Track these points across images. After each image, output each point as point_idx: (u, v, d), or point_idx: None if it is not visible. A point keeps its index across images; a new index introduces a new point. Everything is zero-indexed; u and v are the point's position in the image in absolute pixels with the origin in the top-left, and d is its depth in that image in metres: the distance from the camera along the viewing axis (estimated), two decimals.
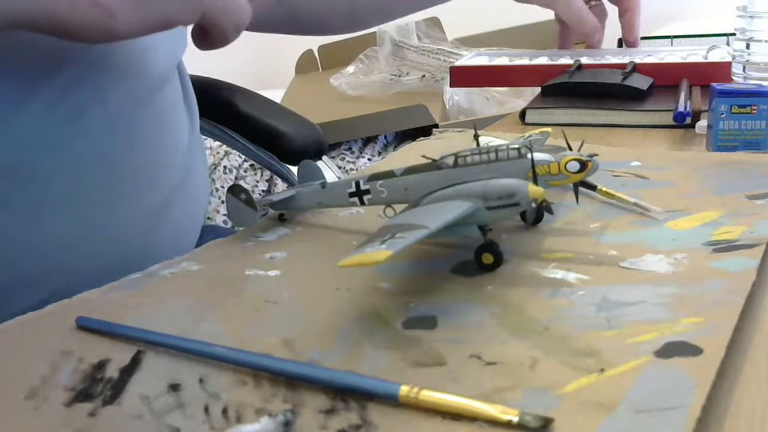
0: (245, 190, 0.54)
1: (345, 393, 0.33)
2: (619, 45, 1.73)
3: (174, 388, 0.34)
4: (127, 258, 0.56)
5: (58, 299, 0.45)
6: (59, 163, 0.54)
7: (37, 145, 0.53)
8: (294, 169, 0.93)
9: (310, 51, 2.11)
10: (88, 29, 0.44)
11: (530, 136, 0.58)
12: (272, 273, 0.47)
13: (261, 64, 2.44)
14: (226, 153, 1.66)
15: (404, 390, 0.31)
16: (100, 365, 0.37)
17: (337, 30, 0.98)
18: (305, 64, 2.12)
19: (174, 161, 0.64)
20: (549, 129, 0.60)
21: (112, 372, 0.36)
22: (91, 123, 0.56)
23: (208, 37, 0.50)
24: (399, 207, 0.49)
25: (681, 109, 0.79)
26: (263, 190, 1.64)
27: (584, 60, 1.02)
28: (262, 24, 0.88)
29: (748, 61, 0.82)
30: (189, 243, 0.67)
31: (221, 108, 0.93)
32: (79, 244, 0.56)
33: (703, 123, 0.77)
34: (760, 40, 0.81)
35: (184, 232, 0.67)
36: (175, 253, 0.51)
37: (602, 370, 0.33)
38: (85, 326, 0.40)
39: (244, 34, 0.68)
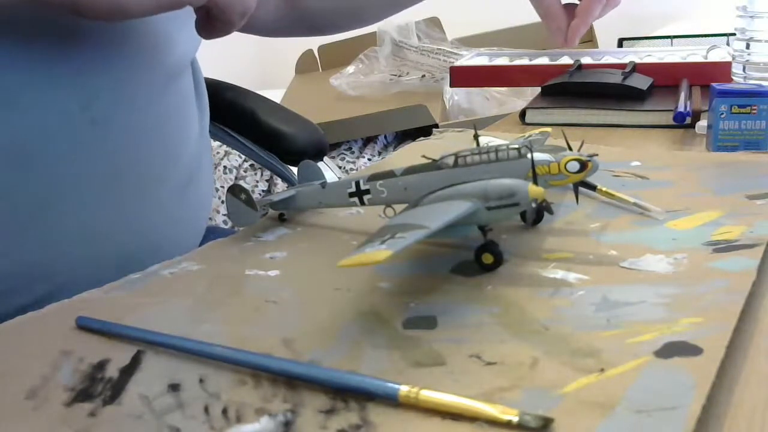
0: (245, 190, 0.54)
1: (345, 393, 0.33)
2: (619, 45, 1.73)
3: (174, 388, 0.34)
4: (132, 254, 0.56)
5: (63, 293, 0.45)
6: (68, 154, 0.54)
7: (47, 133, 0.53)
8: (294, 169, 0.93)
9: (310, 51, 2.11)
10: (99, 6, 0.44)
11: (530, 136, 0.58)
12: (272, 273, 0.47)
13: (261, 64, 2.45)
14: (226, 153, 1.66)
15: (404, 390, 0.31)
16: (100, 365, 0.37)
17: (349, 26, 0.97)
18: (305, 64, 2.12)
19: (182, 158, 0.64)
20: (549, 129, 0.60)
21: (112, 372, 0.36)
22: (102, 113, 0.55)
23: (214, 24, 0.50)
24: (399, 207, 0.49)
25: (681, 109, 0.79)
26: (263, 190, 1.64)
27: (584, 60, 1.02)
28: (277, 29, 0.87)
29: (748, 61, 0.82)
30: (193, 242, 0.67)
31: (222, 108, 0.93)
32: (84, 239, 0.56)
33: (703, 123, 0.77)
34: (760, 40, 0.81)
35: (190, 230, 0.67)
36: (180, 251, 0.51)
37: (602, 370, 0.33)
38: (85, 326, 0.40)
39: (245, 34, 0.68)
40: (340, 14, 0.91)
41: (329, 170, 0.90)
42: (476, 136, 0.57)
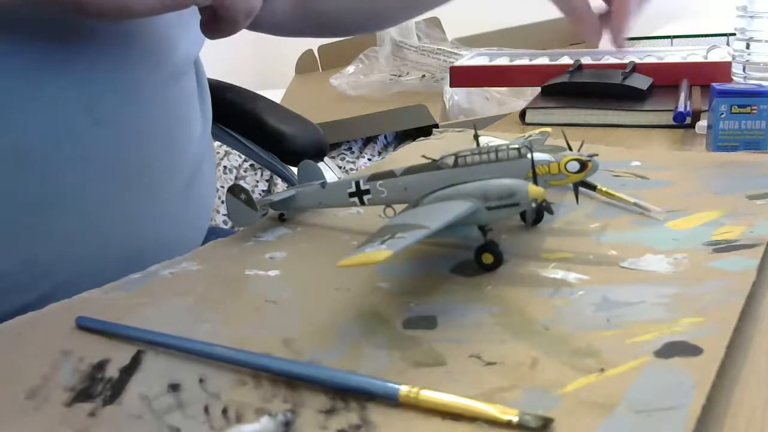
0: (245, 190, 0.54)
1: (345, 393, 0.33)
2: None
3: (174, 388, 0.34)
4: (135, 254, 0.56)
5: (64, 292, 0.45)
6: (71, 155, 0.54)
7: (50, 134, 0.52)
8: (294, 169, 0.93)
9: (310, 51, 2.11)
10: (103, 5, 0.44)
11: (530, 136, 0.58)
12: (272, 273, 0.47)
13: (261, 64, 2.44)
14: (226, 153, 1.66)
15: (404, 390, 0.31)
16: (100, 365, 0.37)
17: (361, 30, 0.96)
18: (305, 64, 2.12)
19: (186, 157, 0.64)
20: (549, 129, 0.60)
21: (112, 372, 0.36)
22: (105, 114, 0.55)
23: (218, 24, 0.50)
24: (399, 207, 0.49)
25: (681, 109, 0.79)
26: (263, 190, 1.64)
27: (584, 60, 1.02)
28: (288, 29, 0.87)
29: (748, 61, 0.82)
30: (196, 241, 0.67)
31: (222, 108, 0.93)
32: (86, 238, 0.55)
33: (703, 123, 0.77)
34: (760, 40, 0.81)
35: (192, 230, 0.67)
36: (183, 251, 0.51)
37: (602, 370, 0.33)
38: (85, 326, 0.40)
39: (245, 33, 0.67)
40: (355, 16, 0.90)
41: (329, 170, 0.90)
42: (476, 136, 0.57)
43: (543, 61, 1.06)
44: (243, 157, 1.63)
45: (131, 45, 0.57)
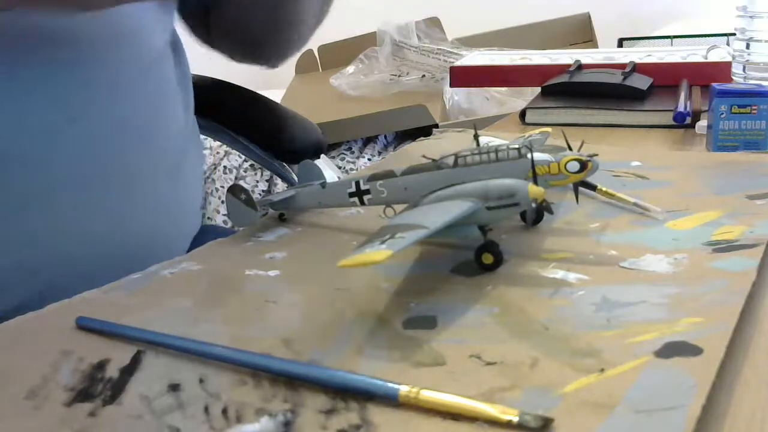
0: (245, 190, 0.54)
1: (345, 393, 0.33)
2: (619, 45, 1.73)
3: (174, 388, 0.34)
4: (124, 250, 0.56)
5: (57, 292, 0.45)
6: (47, 153, 0.53)
7: (25, 135, 0.52)
8: (294, 169, 0.93)
9: (310, 51, 2.11)
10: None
11: (530, 136, 0.58)
12: (272, 273, 0.47)
13: None
14: (226, 153, 1.66)
15: (404, 390, 0.31)
16: (100, 365, 0.37)
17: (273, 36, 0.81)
18: (305, 64, 2.12)
19: (166, 150, 0.63)
20: (549, 129, 0.60)
21: (112, 372, 0.36)
22: (78, 111, 0.54)
23: None
24: (399, 207, 0.49)
25: (681, 109, 0.79)
26: (263, 190, 1.64)
27: (584, 60, 1.02)
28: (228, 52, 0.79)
29: (748, 61, 0.82)
30: (186, 234, 0.66)
31: (222, 108, 0.93)
32: (70, 236, 0.55)
33: (703, 123, 0.77)
34: (760, 40, 0.81)
35: (180, 222, 0.66)
36: (173, 244, 0.51)
37: (602, 370, 0.33)
38: (85, 326, 0.40)
39: None
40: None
41: (329, 170, 0.90)
42: (476, 136, 0.57)
43: (543, 61, 1.06)
44: (243, 157, 1.63)
45: (102, 39, 0.56)
